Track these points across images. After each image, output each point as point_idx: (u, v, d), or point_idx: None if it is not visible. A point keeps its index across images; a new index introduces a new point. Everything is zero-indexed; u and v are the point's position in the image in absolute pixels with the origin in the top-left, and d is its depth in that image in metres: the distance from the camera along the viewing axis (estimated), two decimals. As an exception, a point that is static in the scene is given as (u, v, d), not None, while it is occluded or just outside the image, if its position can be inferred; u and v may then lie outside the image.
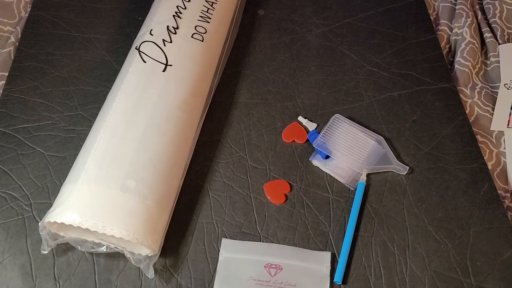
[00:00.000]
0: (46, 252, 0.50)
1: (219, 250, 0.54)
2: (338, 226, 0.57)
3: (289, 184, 0.59)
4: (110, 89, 0.59)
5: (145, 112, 0.54)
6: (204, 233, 0.55)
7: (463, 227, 0.57)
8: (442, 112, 0.66)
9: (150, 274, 0.50)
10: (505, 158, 0.65)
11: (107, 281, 0.51)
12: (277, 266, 0.53)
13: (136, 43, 0.61)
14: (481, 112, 0.69)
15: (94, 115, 0.59)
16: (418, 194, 0.59)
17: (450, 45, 0.78)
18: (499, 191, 0.61)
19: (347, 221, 0.56)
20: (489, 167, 0.63)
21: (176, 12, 0.63)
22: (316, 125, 0.64)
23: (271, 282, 0.52)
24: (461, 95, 0.69)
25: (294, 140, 0.63)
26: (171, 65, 0.59)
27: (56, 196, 0.51)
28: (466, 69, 0.72)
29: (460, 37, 0.77)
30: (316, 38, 0.74)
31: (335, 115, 0.64)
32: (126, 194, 0.49)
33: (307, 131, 0.64)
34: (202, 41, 0.62)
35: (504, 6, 0.80)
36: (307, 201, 0.58)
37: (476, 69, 0.74)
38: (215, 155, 0.61)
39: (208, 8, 0.65)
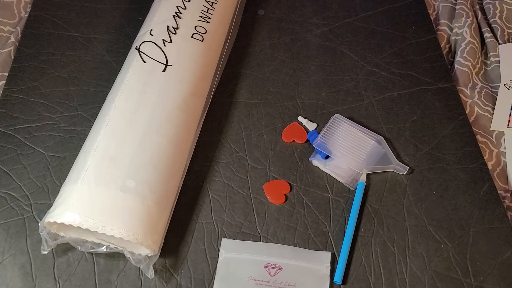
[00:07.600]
0: (46, 252, 0.50)
1: (219, 250, 0.54)
2: (338, 226, 0.57)
3: (289, 184, 0.59)
4: (110, 89, 0.59)
5: (145, 112, 0.54)
6: (204, 233, 0.55)
7: (463, 227, 0.57)
8: (442, 112, 0.66)
9: (150, 274, 0.50)
10: (505, 158, 0.65)
11: (107, 281, 0.51)
12: (277, 266, 0.53)
13: (136, 43, 0.61)
14: (481, 112, 0.69)
15: (94, 115, 0.59)
16: (418, 194, 0.59)
17: (450, 45, 0.78)
18: (499, 191, 0.61)
19: (347, 221, 0.56)
20: (489, 167, 0.63)
21: (176, 12, 0.63)
22: (316, 125, 0.64)
23: (271, 282, 0.52)
24: (461, 95, 0.69)
25: (294, 140, 0.63)
26: (171, 65, 0.59)
27: (56, 196, 0.51)
28: (466, 69, 0.72)
29: (460, 37, 0.76)
30: (316, 38, 0.74)
31: (335, 115, 0.64)
32: (126, 194, 0.49)
33: (307, 131, 0.64)
34: (202, 41, 0.62)
35: (504, 6, 0.80)
36: (307, 201, 0.58)
37: (476, 69, 0.74)
38: (215, 155, 0.61)
39: (208, 8, 0.65)
